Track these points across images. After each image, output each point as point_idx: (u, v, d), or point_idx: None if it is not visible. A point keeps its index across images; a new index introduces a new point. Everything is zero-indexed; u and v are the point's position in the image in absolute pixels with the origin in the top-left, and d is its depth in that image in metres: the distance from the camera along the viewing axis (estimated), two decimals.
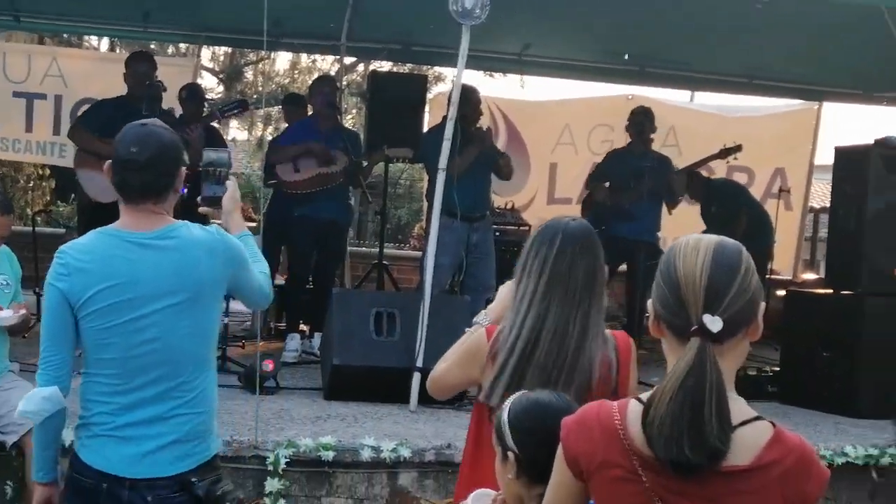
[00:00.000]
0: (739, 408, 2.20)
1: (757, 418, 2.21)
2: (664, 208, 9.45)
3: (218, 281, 3.38)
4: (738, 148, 9.46)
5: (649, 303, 2.31)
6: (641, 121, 9.34)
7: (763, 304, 2.27)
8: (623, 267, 9.38)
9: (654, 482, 2.17)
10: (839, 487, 6.39)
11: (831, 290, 7.86)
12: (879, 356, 7.40)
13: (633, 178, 8.99)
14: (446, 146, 6.77)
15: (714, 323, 2.17)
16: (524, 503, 2.70)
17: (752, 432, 2.18)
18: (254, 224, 9.69)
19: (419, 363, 6.40)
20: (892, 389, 7.33)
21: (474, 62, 8.06)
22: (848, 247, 7.69)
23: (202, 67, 19.69)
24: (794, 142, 12.37)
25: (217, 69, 21.66)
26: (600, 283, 3.24)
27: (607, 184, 9.33)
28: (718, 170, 10.80)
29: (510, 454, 2.70)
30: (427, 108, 10.56)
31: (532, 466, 2.57)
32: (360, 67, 19.64)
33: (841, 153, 7.96)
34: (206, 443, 3.39)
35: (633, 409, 2.24)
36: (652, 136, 9.52)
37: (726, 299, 2.19)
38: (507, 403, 2.79)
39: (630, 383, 3.26)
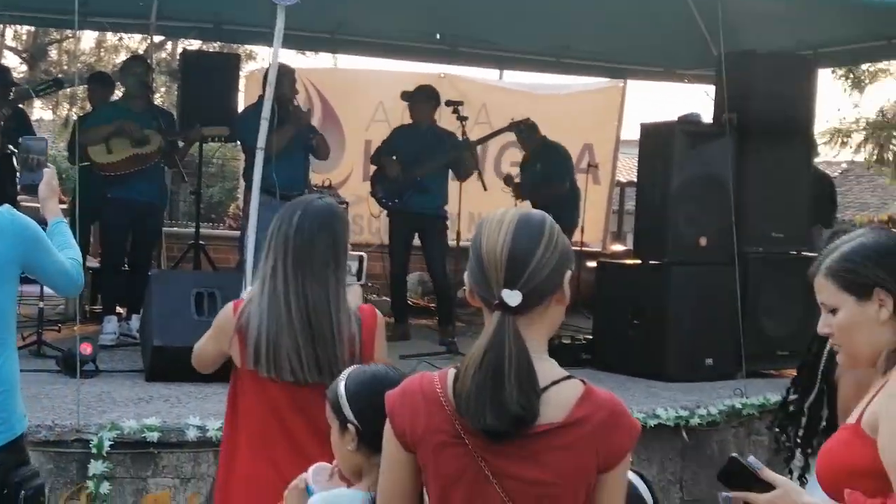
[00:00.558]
0: (550, 369, 2.31)
1: (568, 377, 2.32)
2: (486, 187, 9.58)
3: (8, 261, 3.35)
4: (526, 121, 9.65)
5: (466, 275, 2.38)
6: (426, 96, 9.39)
7: (570, 273, 2.35)
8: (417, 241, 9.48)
9: (476, 444, 2.26)
10: (653, 448, 6.68)
11: (639, 261, 8.16)
12: (686, 322, 7.73)
13: (421, 152, 9.10)
14: (264, 126, 6.75)
15: (512, 297, 2.26)
16: (363, 473, 2.75)
17: (563, 391, 2.28)
18: (64, 206, 9.43)
19: None
20: (699, 353, 7.69)
21: (287, 41, 8.02)
22: (654, 219, 7.99)
23: (4, 46, 19.01)
24: (601, 118, 12.77)
25: (20, 48, 20.90)
26: (342, 259, 3.37)
27: (395, 157, 9.36)
28: None
29: (350, 426, 2.75)
30: (242, 88, 10.49)
31: (372, 437, 2.61)
32: (169, 46, 19.27)
33: (646, 129, 8.26)
34: (6, 424, 3.34)
35: (452, 376, 2.33)
36: (437, 111, 9.62)
37: (526, 273, 2.27)
38: (343, 377, 2.84)
39: (376, 355, 3.41)
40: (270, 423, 3.39)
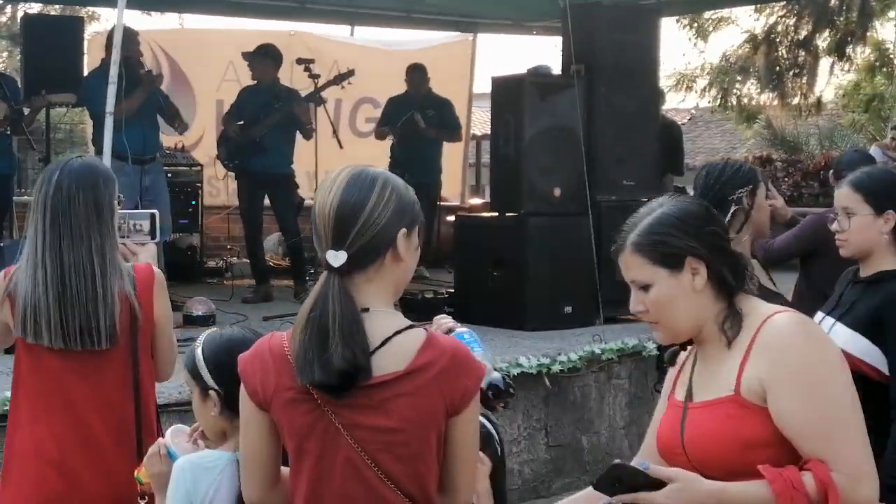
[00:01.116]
0: (391, 323, 2.34)
1: (410, 327, 2.35)
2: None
3: None
4: (350, 73, 9.60)
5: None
6: (264, 55, 9.29)
7: (405, 230, 2.36)
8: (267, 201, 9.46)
9: (324, 399, 2.30)
10: (517, 396, 6.78)
11: (497, 214, 8.26)
12: (544, 272, 7.87)
13: (261, 112, 9.03)
14: (112, 90, 6.61)
15: (336, 258, 2.29)
16: (227, 435, 2.75)
17: (405, 341, 2.32)
18: None
19: None
20: (558, 301, 7.84)
21: (131, 1, 7.86)
22: (509, 171, 8.08)
23: None
24: (454, 72, 12.79)
25: None
26: (107, 217, 3.29)
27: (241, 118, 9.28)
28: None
29: (211, 392, 2.75)
30: (85, 50, 10.21)
31: (233, 400, 2.59)
32: (9, 9, 18.61)
33: (497, 82, 8.33)
34: None
35: None
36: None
37: (352, 232, 2.30)
38: (199, 342, 2.82)
39: (155, 314, 3.36)
40: (48, 392, 3.26)
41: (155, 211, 3.74)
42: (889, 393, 3.21)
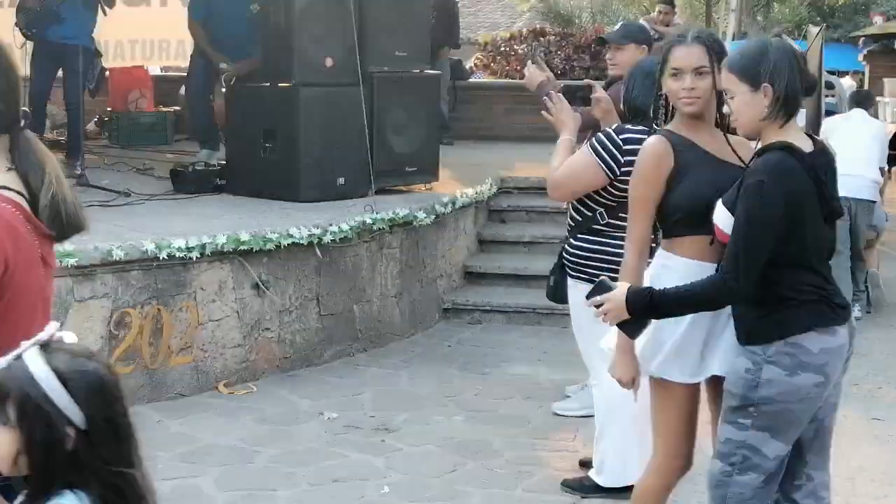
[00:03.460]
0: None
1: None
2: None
3: None
4: None
5: None
6: None
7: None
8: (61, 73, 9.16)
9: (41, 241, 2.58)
10: (288, 267, 6.84)
11: (268, 84, 8.16)
12: (317, 143, 7.85)
13: None
14: None
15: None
16: None
17: None
18: None
19: None
20: (330, 173, 7.86)
21: None
22: (280, 41, 7.95)
23: None
24: None
25: None
26: None
27: None
28: None
29: None
30: None
31: None
32: None
33: None
34: None
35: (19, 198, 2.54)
36: None
37: None
38: None
39: None
40: None
41: None
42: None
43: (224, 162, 8.55)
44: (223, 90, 8.88)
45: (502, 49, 16.28)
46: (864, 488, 5.19)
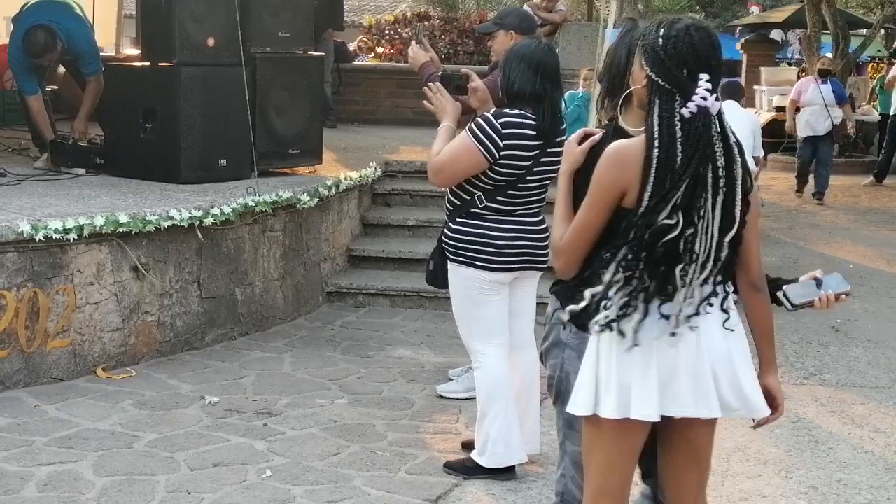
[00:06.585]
0: None
1: None
2: None
3: None
4: None
5: None
6: None
7: None
8: None
9: None
10: (168, 249, 6.74)
11: (149, 64, 8.01)
12: (198, 123, 7.72)
13: None
14: None
15: None
16: None
17: None
18: None
19: None
20: (212, 154, 7.75)
21: None
22: (160, 20, 7.79)
23: None
24: None
25: None
26: None
27: None
28: None
29: None
30: None
31: None
32: None
33: None
34: None
35: None
36: None
37: None
38: None
39: None
40: None
41: None
42: None
43: (102, 137, 8.36)
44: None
45: (387, 32, 16.27)
46: (740, 467, 5.34)
